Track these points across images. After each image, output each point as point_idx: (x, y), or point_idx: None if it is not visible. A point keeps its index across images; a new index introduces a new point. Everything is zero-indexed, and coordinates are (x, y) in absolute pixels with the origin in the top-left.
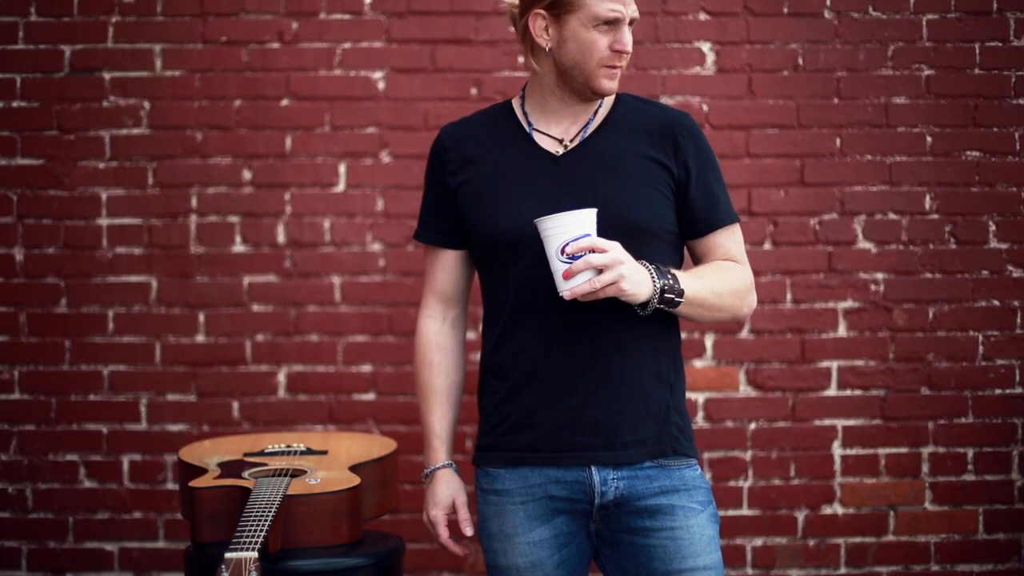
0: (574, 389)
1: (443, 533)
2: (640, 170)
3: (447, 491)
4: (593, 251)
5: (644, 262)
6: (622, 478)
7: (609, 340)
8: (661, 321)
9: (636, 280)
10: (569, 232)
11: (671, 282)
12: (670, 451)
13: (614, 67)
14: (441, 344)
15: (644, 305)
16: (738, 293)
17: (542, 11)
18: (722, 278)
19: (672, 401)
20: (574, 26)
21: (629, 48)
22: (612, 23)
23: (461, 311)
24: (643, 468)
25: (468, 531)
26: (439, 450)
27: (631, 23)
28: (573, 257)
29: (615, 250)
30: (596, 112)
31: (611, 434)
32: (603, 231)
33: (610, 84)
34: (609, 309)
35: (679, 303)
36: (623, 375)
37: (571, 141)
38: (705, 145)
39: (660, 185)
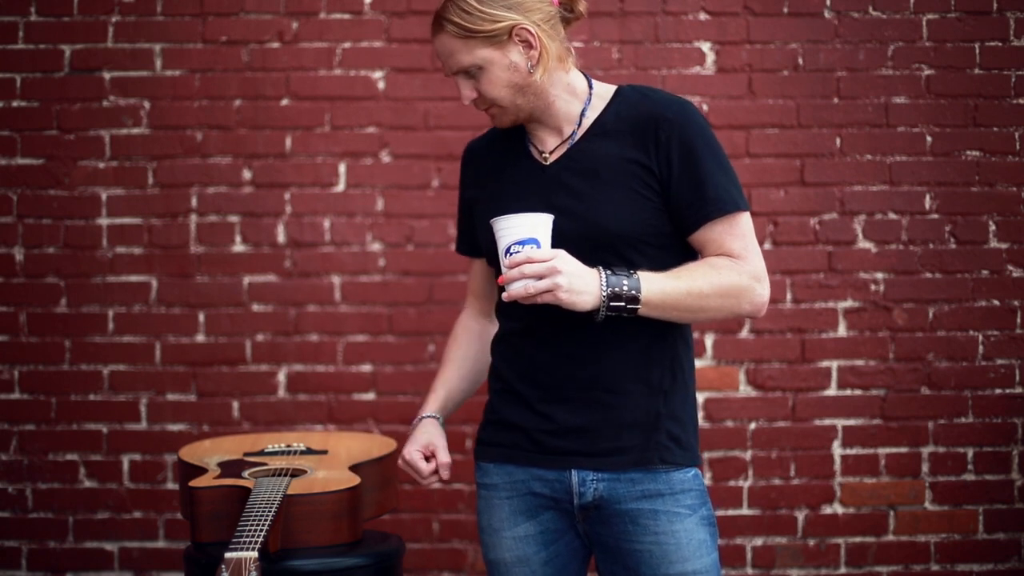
0: (556, 396)
1: (422, 467)
2: (621, 176)
3: (424, 435)
4: (532, 261)
5: (600, 268)
6: (602, 480)
7: (593, 347)
8: (653, 327)
9: (575, 289)
10: (515, 234)
11: (626, 289)
12: (656, 460)
13: (486, 110)
14: (469, 326)
15: (611, 311)
16: (727, 292)
17: None
18: (706, 277)
19: (666, 408)
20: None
21: (464, 100)
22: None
23: (494, 310)
24: (626, 471)
25: (444, 474)
26: (428, 402)
27: (465, 74)
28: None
29: (557, 260)
30: (583, 116)
31: (590, 441)
32: (584, 240)
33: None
34: (596, 320)
35: (635, 309)
36: (605, 383)
37: (558, 149)
38: (696, 134)
39: (642, 188)
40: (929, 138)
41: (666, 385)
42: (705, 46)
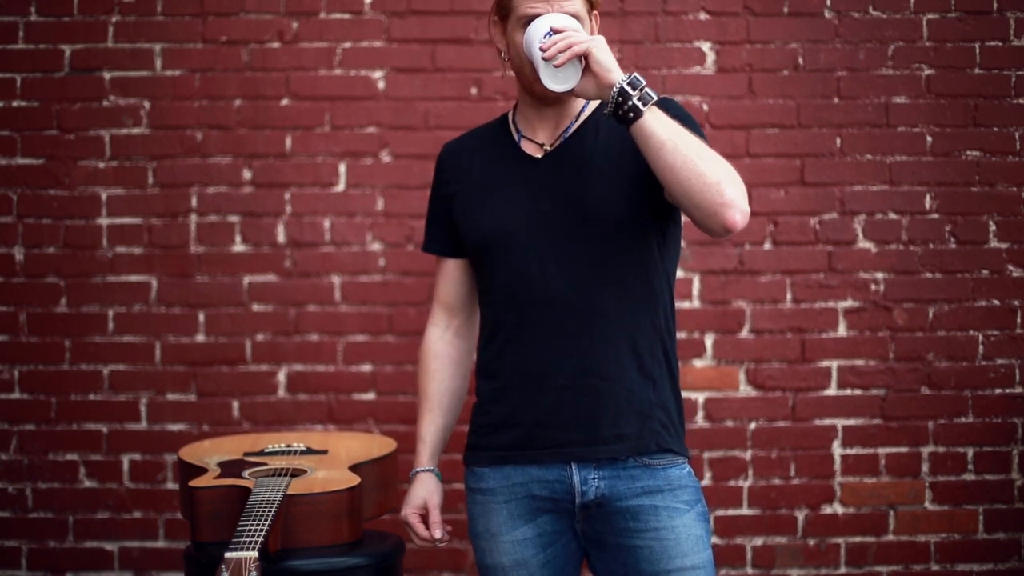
0: (554, 386)
1: (419, 531)
2: (615, 166)
3: (421, 493)
4: (578, 31)
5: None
6: (603, 478)
7: (590, 338)
8: (646, 320)
9: (608, 54)
10: (552, 22)
11: (647, 89)
12: (653, 446)
13: None
14: (439, 352)
15: (623, 97)
16: (726, 168)
17: (495, 18)
18: (709, 149)
19: (656, 397)
20: (511, 30)
21: None
22: None
23: (464, 320)
24: (626, 468)
25: (436, 533)
26: (422, 454)
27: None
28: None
29: (596, 36)
30: (580, 114)
31: (591, 429)
32: (579, 227)
33: None
34: (590, 309)
35: (649, 100)
36: (603, 371)
37: (551, 145)
38: (679, 115)
39: (635, 175)
40: (929, 138)
41: (655, 374)
42: (705, 46)
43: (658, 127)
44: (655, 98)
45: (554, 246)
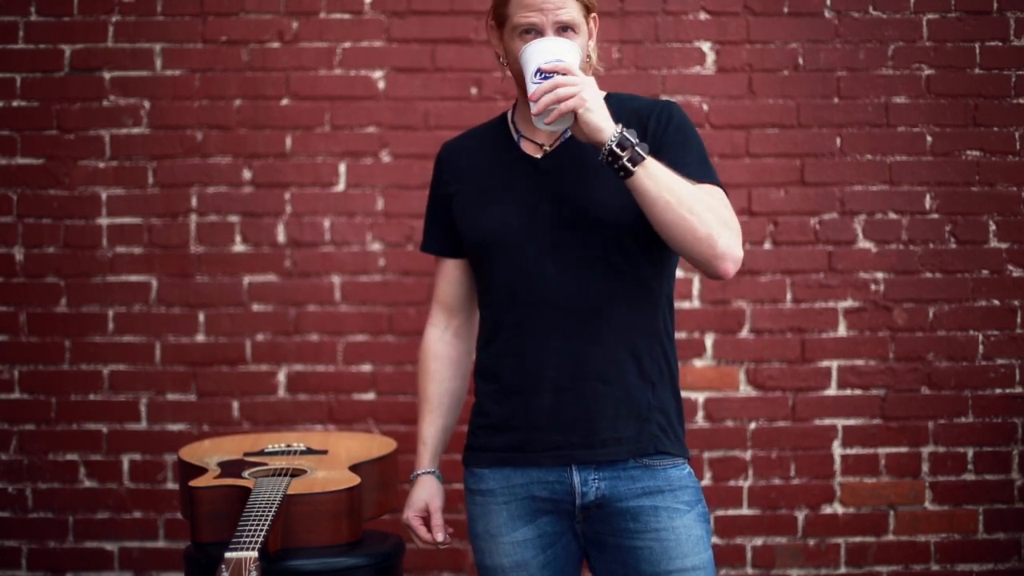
0: (553, 388)
1: (421, 533)
2: None
3: (422, 495)
4: (566, 74)
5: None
6: (603, 479)
7: (589, 340)
8: (645, 322)
9: (597, 109)
10: (545, 56)
11: (637, 142)
12: (652, 449)
13: None
14: (439, 353)
15: (612, 157)
16: (719, 215)
17: (491, 22)
18: (702, 191)
19: (654, 400)
20: (507, 37)
21: None
22: (530, 32)
23: (464, 321)
24: (626, 468)
25: (439, 536)
26: (423, 456)
27: (563, 29)
28: (547, 77)
29: (587, 81)
30: None
31: (589, 432)
32: (579, 228)
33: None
34: (590, 311)
35: (639, 160)
36: (602, 374)
37: (551, 146)
38: (680, 127)
39: None
40: (929, 138)
41: (655, 377)
42: (705, 46)
43: (649, 184)
44: (644, 157)
45: (553, 247)
